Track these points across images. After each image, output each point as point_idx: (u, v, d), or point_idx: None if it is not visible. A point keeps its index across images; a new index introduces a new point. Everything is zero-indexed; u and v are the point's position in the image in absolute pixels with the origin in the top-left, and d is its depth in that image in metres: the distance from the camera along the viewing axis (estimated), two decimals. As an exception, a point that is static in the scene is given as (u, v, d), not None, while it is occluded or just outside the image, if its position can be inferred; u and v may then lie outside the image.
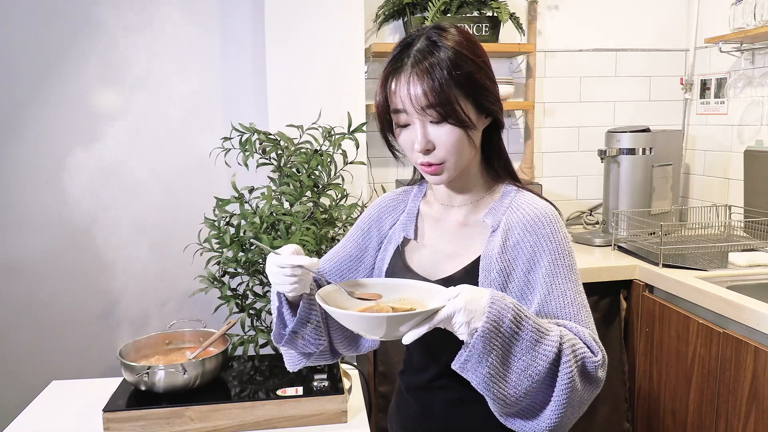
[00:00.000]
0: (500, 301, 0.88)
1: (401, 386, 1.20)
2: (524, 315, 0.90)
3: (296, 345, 1.08)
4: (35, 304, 2.31)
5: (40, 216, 2.27)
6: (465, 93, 0.96)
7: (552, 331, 0.92)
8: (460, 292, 0.88)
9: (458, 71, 0.95)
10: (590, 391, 0.96)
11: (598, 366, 0.95)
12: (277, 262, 0.96)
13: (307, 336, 1.06)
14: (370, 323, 0.88)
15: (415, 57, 0.96)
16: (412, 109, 0.96)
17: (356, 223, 1.21)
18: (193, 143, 2.31)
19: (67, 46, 2.22)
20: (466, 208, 1.10)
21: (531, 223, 1.01)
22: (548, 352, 0.90)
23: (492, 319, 0.87)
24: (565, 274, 1.00)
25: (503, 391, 0.90)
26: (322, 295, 0.95)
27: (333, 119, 2.03)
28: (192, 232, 1.83)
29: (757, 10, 2.16)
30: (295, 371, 1.15)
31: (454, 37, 0.98)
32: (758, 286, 1.87)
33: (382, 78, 1.00)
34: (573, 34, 2.63)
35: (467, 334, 0.87)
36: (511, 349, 0.89)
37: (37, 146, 2.24)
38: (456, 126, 0.97)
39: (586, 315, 1.00)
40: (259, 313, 1.71)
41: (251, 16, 2.28)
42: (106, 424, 1.42)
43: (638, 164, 2.38)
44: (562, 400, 0.91)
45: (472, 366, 0.88)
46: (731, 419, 1.68)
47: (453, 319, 0.87)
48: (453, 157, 0.99)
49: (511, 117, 2.64)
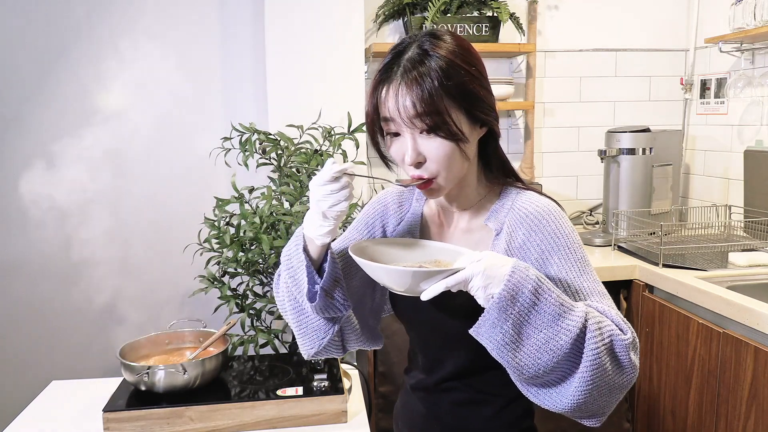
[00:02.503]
0: (522, 272, 0.87)
1: (407, 386, 1.20)
2: (547, 288, 0.88)
3: (324, 305, 1.01)
4: (35, 304, 2.30)
5: (40, 216, 2.27)
6: (457, 104, 0.93)
7: (577, 307, 0.90)
8: (483, 257, 0.88)
9: (449, 81, 0.92)
10: (622, 375, 0.91)
11: (628, 345, 0.91)
12: (330, 171, 0.93)
13: (336, 293, 1.02)
14: (397, 275, 0.91)
15: (405, 66, 0.93)
16: (400, 120, 0.94)
17: (359, 217, 1.18)
18: (193, 143, 2.31)
19: (67, 45, 2.22)
20: (468, 213, 1.08)
21: (535, 222, 0.99)
22: (572, 327, 0.87)
23: (510, 288, 0.86)
24: (579, 268, 0.97)
25: (518, 360, 0.88)
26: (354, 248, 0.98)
27: (333, 119, 2.03)
28: (192, 232, 1.82)
29: (757, 10, 2.16)
30: (308, 358, 1.11)
31: (447, 46, 0.95)
32: (758, 286, 1.87)
33: (372, 86, 0.98)
34: (573, 34, 2.63)
35: (483, 298, 0.87)
36: (528, 319, 0.88)
37: (37, 146, 2.24)
38: (446, 139, 0.93)
39: (609, 303, 0.97)
40: (259, 313, 1.71)
41: (251, 16, 2.28)
42: (106, 424, 1.42)
43: (638, 164, 2.38)
44: (587, 378, 0.88)
45: (486, 331, 0.88)
46: (731, 419, 1.68)
47: (471, 282, 0.87)
48: (445, 171, 0.96)
49: (511, 117, 2.64)
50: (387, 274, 0.92)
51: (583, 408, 0.91)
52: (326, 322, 1.06)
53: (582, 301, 0.95)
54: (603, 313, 0.93)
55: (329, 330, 1.06)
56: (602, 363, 0.88)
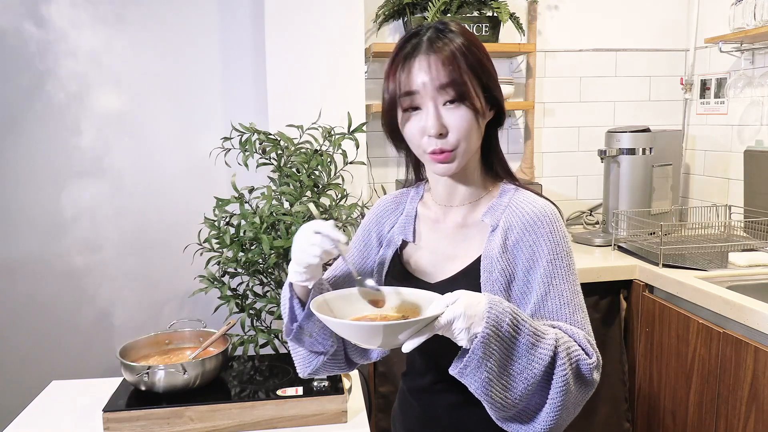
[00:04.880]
0: (498, 306, 0.88)
1: (404, 388, 1.20)
2: (521, 318, 0.89)
3: (304, 342, 1.07)
4: (35, 304, 2.31)
5: (40, 216, 2.27)
6: (477, 78, 0.98)
7: (548, 333, 0.91)
8: (458, 297, 0.87)
9: (471, 56, 0.97)
10: (584, 393, 0.96)
11: (592, 368, 0.95)
12: (318, 227, 0.95)
13: (315, 333, 1.05)
14: (366, 332, 0.84)
15: (430, 39, 0.97)
16: (426, 91, 0.96)
17: (357, 231, 1.20)
18: (193, 143, 2.31)
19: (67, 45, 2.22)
20: (465, 209, 1.09)
21: (530, 222, 1.00)
22: (544, 355, 0.89)
23: (491, 324, 0.86)
24: (562, 275, 0.99)
25: (501, 394, 0.89)
26: (317, 303, 0.93)
27: (333, 119, 2.03)
28: (192, 232, 1.82)
29: (757, 10, 2.16)
30: (304, 376, 1.13)
31: (459, 30, 1.00)
32: (758, 286, 1.87)
33: (392, 66, 1.00)
34: (573, 34, 2.63)
35: (467, 340, 0.86)
36: (508, 353, 0.88)
37: (36, 146, 2.24)
38: (470, 109, 0.97)
39: (582, 316, 0.99)
40: (259, 313, 1.71)
41: (251, 16, 2.28)
42: (106, 424, 1.42)
43: (638, 164, 2.38)
44: (557, 403, 0.91)
45: (471, 371, 0.87)
46: (731, 419, 1.68)
47: (453, 325, 0.85)
48: (465, 142, 0.99)
49: (511, 117, 2.64)
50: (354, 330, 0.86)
51: (554, 429, 0.94)
52: (309, 353, 1.10)
53: (549, 321, 0.98)
54: (572, 336, 0.96)
55: (313, 361, 1.10)
56: (569, 387, 0.91)
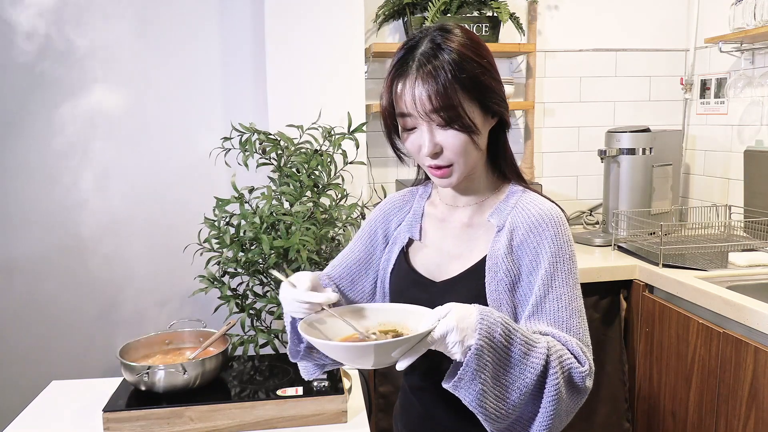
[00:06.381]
0: (489, 317, 0.87)
1: (406, 386, 1.20)
2: (513, 328, 0.89)
3: (313, 358, 1.11)
4: (35, 304, 2.30)
5: (40, 216, 2.27)
6: (471, 96, 0.96)
7: (539, 342, 0.91)
8: (450, 310, 0.86)
9: (463, 74, 0.95)
10: (576, 401, 0.96)
11: (584, 376, 0.94)
12: (295, 296, 0.96)
13: (316, 355, 1.10)
14: (357, 352, 0.83)
15: (420, 60, 0.95)
16: (417, 114, 0.96)
17: (363, 226, 1.20)
18: (193, 143, 2.31)
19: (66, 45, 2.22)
20: (471, 209, 1.09)
21: (535, 224, 1.01)
22: (536, 364, 0.89)
23: (484, 336, 0.86)
24: (562, 278, 0.99)
25: (494, 405, 0.89)
26: (306, 324, 0.93)
27: (333, 119, 2.03)
28: (192, 232, 1.82)
29: (757, 10, 2.15)
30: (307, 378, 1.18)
31: (459, 39, 0.97)
32: (758, 286, 1.87)
33: (388, 82, 1.00)
34: (573, 34, 2.63)
35: (461, 353, 0.85)
36: (501, 363, 0.88)
37: (37, 146, 2.24)
38: (461, 131, 0.96)
39: (578, 321, 0.99)
40: (259, 313, 1.71)
41: (251, 16, 2.28)
42: (106, 424, 1.41)
43: (638, 164, 2.38)
44: (549, 411, 0.91)
45: (466, 384, 0.87)
46: (731, 419, 1.68)
47: (446, 339, 0.85)
48: (461, 158, 0.99)
49: (511, 117, 2.64)
50: (344, 351, 0.84)
51: None
52: (315, 365, 1.14)
53: (543, 328, 0.97)
54: (564, 344, 0.95)
55: (316, 371, 1.15)
56: (561, 396, 0.91)
